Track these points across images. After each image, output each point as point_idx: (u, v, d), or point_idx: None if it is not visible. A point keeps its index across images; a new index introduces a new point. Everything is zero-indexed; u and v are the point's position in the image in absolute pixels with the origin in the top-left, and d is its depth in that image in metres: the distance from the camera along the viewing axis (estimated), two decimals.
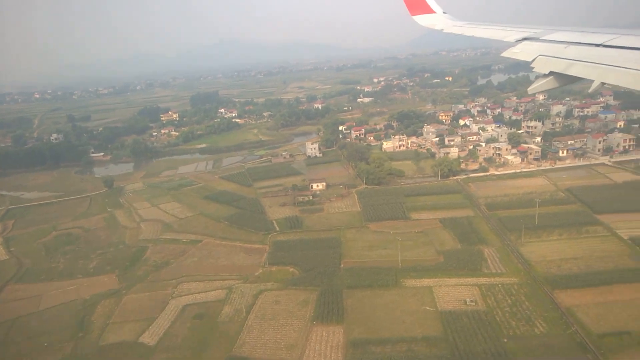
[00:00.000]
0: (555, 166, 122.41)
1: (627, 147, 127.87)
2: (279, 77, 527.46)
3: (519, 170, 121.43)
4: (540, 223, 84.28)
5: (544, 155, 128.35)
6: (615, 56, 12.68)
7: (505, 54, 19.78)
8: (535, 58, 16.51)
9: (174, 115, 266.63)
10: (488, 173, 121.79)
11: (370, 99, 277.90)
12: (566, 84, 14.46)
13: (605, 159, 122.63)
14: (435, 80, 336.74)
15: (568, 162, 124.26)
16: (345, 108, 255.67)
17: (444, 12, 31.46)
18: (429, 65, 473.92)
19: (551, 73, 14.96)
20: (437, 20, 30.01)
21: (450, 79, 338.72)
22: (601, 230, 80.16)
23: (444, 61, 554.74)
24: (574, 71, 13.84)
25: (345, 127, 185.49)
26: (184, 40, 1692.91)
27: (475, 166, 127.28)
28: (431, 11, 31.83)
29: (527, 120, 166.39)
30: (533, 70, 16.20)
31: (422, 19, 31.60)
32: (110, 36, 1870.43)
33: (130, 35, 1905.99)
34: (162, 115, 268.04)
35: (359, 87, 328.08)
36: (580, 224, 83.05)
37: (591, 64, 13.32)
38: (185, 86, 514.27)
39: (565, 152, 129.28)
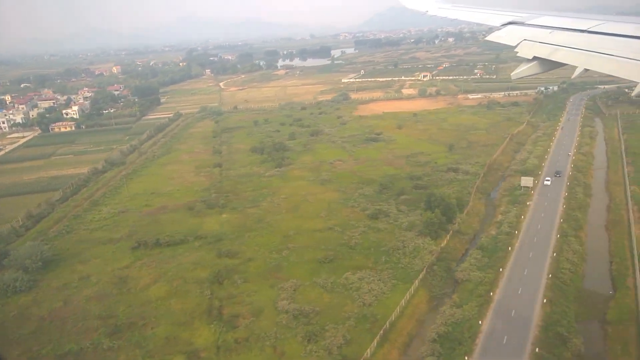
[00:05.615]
0: None
1: None
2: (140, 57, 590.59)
3: None
4: None
5: None
6: (601, 43, 12.53)
7: (489, 38, 19.50)
8: (520, 43, 16.25)
9: None
10: None
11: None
12: (550, 69, 14.30)
13: None
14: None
15: None
16: None
17: None
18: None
19: (535, 58, 14.71)
20: (423, 0, 29.50)
21: (183, 64, 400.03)
22: None
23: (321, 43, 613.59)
24: (558, 57, 13.66)
25: None
26: (142, 16, 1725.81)
27: None
28: None
29: None
30: (517, 55, 15.84)
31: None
32: (67, 11, 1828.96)
33: (86, 10, 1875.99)
34: None
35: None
36: None
37: (576, 50, 13.13)
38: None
39: None
